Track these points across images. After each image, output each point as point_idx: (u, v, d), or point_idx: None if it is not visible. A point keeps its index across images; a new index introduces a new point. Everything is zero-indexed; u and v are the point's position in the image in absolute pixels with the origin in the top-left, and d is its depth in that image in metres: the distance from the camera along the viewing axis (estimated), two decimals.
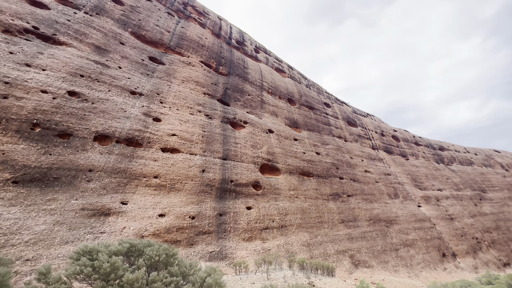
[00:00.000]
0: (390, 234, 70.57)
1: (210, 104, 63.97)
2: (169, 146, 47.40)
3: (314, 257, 54.62)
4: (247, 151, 62.11)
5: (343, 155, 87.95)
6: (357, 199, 76.26)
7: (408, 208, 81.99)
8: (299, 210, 62.11)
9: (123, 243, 8.67)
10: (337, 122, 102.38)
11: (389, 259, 64.35)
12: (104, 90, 45.12)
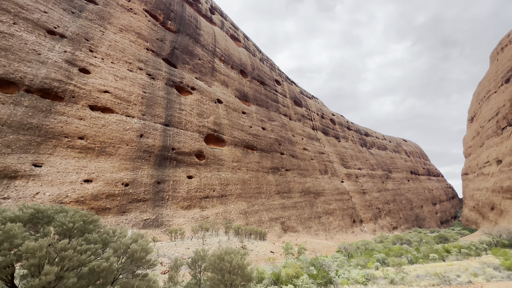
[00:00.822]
0: (316, 204, 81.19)
1: (154, 63, 57.15)
2: (100, 104, 41.19)
3: (250, 224, 59.00)
4: (193, 119, 59.39)
5: (286, 132, 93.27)
6: (293, 173, 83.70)
7: (333, 183, 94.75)
8: (240, 181, 64.70)
9: (25, 208, 7.36)
10: (285, 100, 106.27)
11: (312, 225, 74.70)
12: (6, 22, 34.84)
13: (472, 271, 15.04)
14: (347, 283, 14.59)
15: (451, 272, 15.34)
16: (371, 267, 21.20)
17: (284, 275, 14.65)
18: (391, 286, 13.51)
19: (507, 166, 76.18)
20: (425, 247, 29.58)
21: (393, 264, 17.53)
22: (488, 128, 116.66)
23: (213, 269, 10.21)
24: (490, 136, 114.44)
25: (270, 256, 26.54)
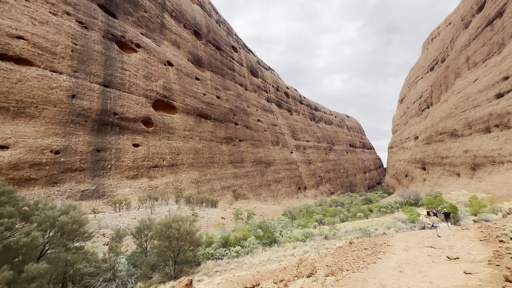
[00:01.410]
0: (267, 173, 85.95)
1: (87, 9, 47.21)
2: (13, 53, 32.93)
3: (202, 192, 59.42)
4: (139, 81, 53.16)
5: (241, 102, 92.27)
6: (247, 144, 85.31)
7: (284, 153, 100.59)
8: (193, 151, 63.03)
9: None
10: (241, 69, 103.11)
11: (262, 192, 79.68)
12: None
13: (387, 225, 18.65)
14: (289, 241, 16.44)
15: (371, 226, 18.70)
16: (310, 226, 24.13)
17: (233, 238, 15.57)
18: (325, 241, 15.79)
19: (421, 141, 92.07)
20: (354, 208, 34.89)
21: (328, 223, 20.33)
22: (412, 109, 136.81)
23: (160, 237, 10.04)
24: (413, 116, 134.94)
25: (220, 222, 27.60)
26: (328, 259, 9.71)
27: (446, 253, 8.03)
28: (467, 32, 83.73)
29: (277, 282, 7.41)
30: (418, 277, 6.06)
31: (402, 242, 10.81)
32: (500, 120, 47.90)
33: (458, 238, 9.76)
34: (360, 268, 7.44)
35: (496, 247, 7.17)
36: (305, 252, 12.61)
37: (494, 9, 65.23)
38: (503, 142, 44.91)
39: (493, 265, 5.75)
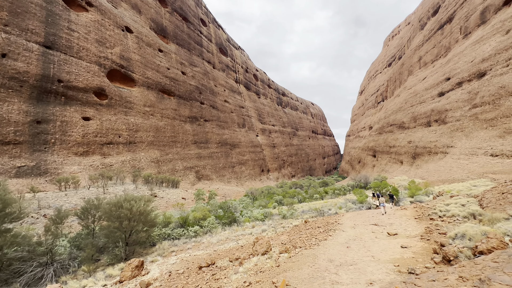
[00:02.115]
0: (232, 155, 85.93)
1: None
2: None
3: (162, 172, 56.97)
4: (90, 46, 46.67)
5: (208, 81, 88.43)
6: (212, 125, 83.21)
7: (249, 136, 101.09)
8: (154, 128, 59.18)
9: None
10: (209, 45, 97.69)
11: (226, 173, 79.84)
12: None
13: (339, 205, 20.34)
14: (249, 221, 16.84)
15: (326, 207, 20.20)
16: (270, 207, 25.07)
17: (192, 218, 15.30)
18: (283, 220, 16.58)
19: (374, 131, 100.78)
20: (311, 190, 37.25)
21: (287, 203, 21.33)
22: (370, 101, 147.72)
23: (109, 217, 9.25)
24: (370, 107, 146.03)
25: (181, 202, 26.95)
26: (284, 237, 10.18)
27: (387, 229, 9.08)
28: (422, 33, 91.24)
29: (233, 260, 7.50)
30: (362, 252, 6.71)
31: (351, 221, 11.85)
32: (439, 116, 54.55)
33: (398, 216, 11.08)
34: (312, 245, 7.96)
35: (427, 224, 8.32)
36: (263, 231, 13.05)
37: (446, 15, 71.73)
38: (439, 136, 51.57)
39: (424, 240, 6.64)
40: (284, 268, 6.04)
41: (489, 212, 6.52)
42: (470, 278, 2.65)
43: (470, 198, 9.06)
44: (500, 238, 3.79)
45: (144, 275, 8.23)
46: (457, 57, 57.76)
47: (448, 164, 40.74)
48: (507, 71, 38.36)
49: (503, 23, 45.72)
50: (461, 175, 29.15)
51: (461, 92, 49.17)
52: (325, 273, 5.41)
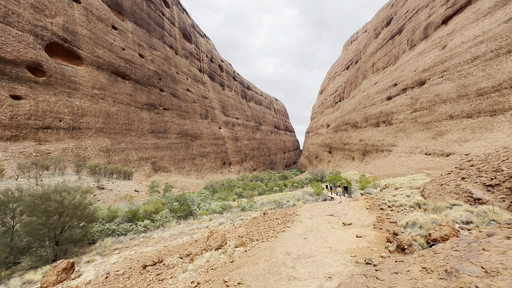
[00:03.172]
0: (192, 147, 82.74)
1: None
2: None
3: (113, 162, 51.84)
4: (23, 12, 39.14)
5: (170, 67, 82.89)
6: (172, 114, 78.57)
7: (212, 128, 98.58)
8: (104, 114, 53.11)
9: None
10: (172, 29, 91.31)
11: (186, 165, 76.69)
12: None
13: (297, 197, 20.97)
14: (206, 214, 16.14)
15: (284, 199, 20.62)
16: (230, 199, 24.64)
17: (142, 212, 13.93)
18: (242, 213, 16.31)
19: (331, 129, 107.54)
20: (271, 183, 37.93)
21: (247, 196, 21.18)
22: (329, 101, 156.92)
23: (33, 211, 7.64)
24: (328, 107, 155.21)
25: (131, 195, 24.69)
26: (242, 230, 9.85)
27: (342, 220, 9.43)
28: (376, 41, 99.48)
29: (183, 256, 6.83)
30: (319, 243, 6.72)
31: (308, 212, 12.12)
32: (386, 117, 60.46)
33: (351, 207, 11.71)
34: (270, 237, 7.76)
35: (378, 213, 8.87)
36: (221, 224, 12.55)
37: (397, 26, 79.19)
38: (385, 135, 57.24)
39: (377, 229, 6.98)
40: (239, 264, 5.64)
41: (431, 201, 7.20)
42: (434, 269, 2.62)
43: (413, 190, 10.02)
44: (452, 226, 4.02)
45: (74, 279, 6.96)
46: (403, 66, 64.35)
47: (392, 160, 45.50)
48: (441, 81, 44.02)
49: (441, 39, 52.19)
50: (402, 170, 32.81)
51: (405, 97, 55.06)
52: (282, 267, 5.16)
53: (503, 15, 36.50)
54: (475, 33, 40.43)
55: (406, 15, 75.06)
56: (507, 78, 30.41)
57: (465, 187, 6.08)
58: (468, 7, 48.17)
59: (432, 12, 60.67)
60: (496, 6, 39.30)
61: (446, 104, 40.74)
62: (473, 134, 32.68)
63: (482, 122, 32.50)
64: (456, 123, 37.17)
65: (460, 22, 47.38)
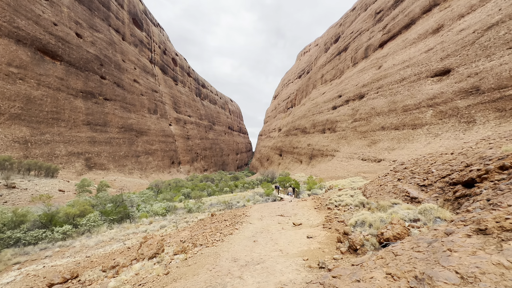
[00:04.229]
0: (137, 143, 75.40)
1: None
2: None
3: (33, 156, 43.18)
4: None
5: (114, 53, 74.12)
6: (115, 105, 70.20)
7: (161, 124, 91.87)
8: (23, 98, 43.82)
9: None
10: (120, 12, 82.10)
11: (128, 163, 69.32)
12: None
13: (247, 198, 20.72)
14: (146, 216, 14.39)
15: (234, 199, 20.11)
16: (176, 200, 22.88)
17: (63, 215, 11.48)
18: (188, 214, 15.12)
19: (283, 133, 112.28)
20: (222, 183, 37.03)
21: (195, 196, 19.94)
22: (281, 106, 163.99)
23: None
24: (281, 112, 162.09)
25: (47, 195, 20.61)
26: (185, 234, 8.90)
27: (292, 220, 9.41)
28: (325, 55, 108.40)
29: (107, 269, 5.60)
30: (270, 246, 6.38)
31: (258, 213, 11.87)
32: (331, 125, 66.02)
33: (300, 207, 11.93)
34: (216, 241, 7.10)
35: (326, 213, 9.14)
36: (162, 227, 11.24)
37: (343, 44, 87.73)
38: (330, 141, 62.37)
39: (326, 228, 7.05)
40: (175, 276, 4.79)
41: (373, 200, 7.75)
42: (401, 275, 2.46)
43: (356, 190, 10.78)
44: (403, 224, 4.13)
45: None
46: (347, 80, 71.44)
47: (334, 164, 49.65)
48: (377, 96, 50.19)
49: (377, 60, 59.65)
50: (343, 173, 36.02)
51: (348, 108, 61.05)
52: (227, 278, 4.52)
53: (423, 46, 43.71)
54: (403, 58, 47.40)
55: (351, 35, 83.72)
56: (425, 98, 36.34)
57: (401, 187, 6.68)
58: (399, 35, 56.28)
59: (372, 35, 69.03)
60: (419, 38, 46.88)
61: (380, 116, 46.53)
62: (399, 144, 38.00)
63: (406, 134, 38.05)
64: (387, 133, 42.72)
65: (393, 47, 54.97)
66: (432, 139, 31.83)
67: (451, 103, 31.25)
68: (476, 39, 30.67)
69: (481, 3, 34.15)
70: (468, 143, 8.31)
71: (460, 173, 5.14)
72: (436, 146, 28.70)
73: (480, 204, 3.33)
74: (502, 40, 26.98)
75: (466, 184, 4.82)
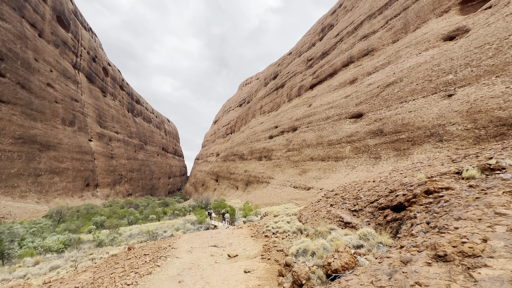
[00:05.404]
0: (40, 159, 60.79)
1: None
2: None
3: None
4: None
5: (24, 49, 61.28)
6: (14, 110, 56.05)
7: (78, 138, 77.82)
8: None
9: None
10: (41, 5, 70.28)
11: (21, 184, 54.35)
12: None
13: (177, 226, 18.44)
14: (32, 254, 10.66)
15: (161, 228, 17.55)
16: (83, 231, 18.45)
17: None
18: (96, 249, 12.04)
19: (220, 158, 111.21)
20: (148, 210, 32.60)
21: (110, 226, 16.45)
22: (221, 131, 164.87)
23: None
24: (220, 137, 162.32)
25: None
26: (86, 276, 6.78)
27: (227, 251, 8.47)
28: (265, 89, 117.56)
29: None
30: (199, 287, 5.27)
31: (187, 243, 10.42)
32: (267, 153, 69.32)
33: (236, 235, 11.09)
34: (127, 285, 5.54)
35: (264, 241, 8.62)
36: (53, 269, 8.41)
37: (280, 82, 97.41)
38: (266, 168, 64.79)
39: (265, 260, 6.47)
40: None
41: (310, 226, 7.77)
42: None
43: (291, 216, 10.85)
44: (350, 252, 3.98)
45: None
46: (283, 113, 78.14)
47: (269, 191, 51.12)
48: (307, 130, 56.06)
49: (308, 99, 67.93)
50: (277, 200, 37.17)
51: (283, 138, 65.78)
52: None
53: (343, 93, 52.39)
54: (329, 100, 55.40)
55: (287, 75, 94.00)
56: (345, 135, 42.50)
57: (335, 212, 6.98)
58: (325, 81, 66.23)
59: (304, 78, 79.11)
60: (340, 86, 56.16)
61: (309, 148, 51.59)
62: (325, 174, 42.37)
63: (330, 165, 42.93)
64: (315, 164, 47.30)
65: (320, 90, 63.90)
66: (350, 171, 36.74)
67: (364, 141, 37.37)
68: (379, 92, 38.63)
69: (382, 67, 43.94)
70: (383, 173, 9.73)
71: (386, 198, 5.73)
72: (353, 177, 33.15)
73: (422, 227, 3.59)
74: (396, 96, 34.75)
75: (395, 208, 5.37)
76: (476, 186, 4.24)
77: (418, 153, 27.08)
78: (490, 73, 23.57)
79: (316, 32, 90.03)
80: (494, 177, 4.32)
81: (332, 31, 76.00)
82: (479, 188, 4.07)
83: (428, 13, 38.98)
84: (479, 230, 2.80)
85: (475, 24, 29.20)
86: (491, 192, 3.75)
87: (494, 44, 24.38)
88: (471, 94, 24.05)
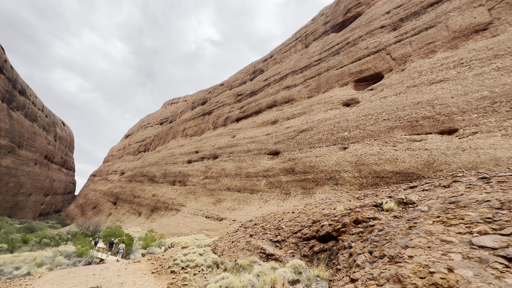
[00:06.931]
0: None
1: None
2: None
3: None
4: None
5: None
6: None
7: None
8: None
9: None
10: None
11: None
12: None
13: (40, 260, 13.31)
14: None
15: (12, 264, 12.20)
16: None
17: None
18: None
19: (125, 178, 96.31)
20: None
21: None
22: (132, 148, 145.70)
23: None
24: (130, 153, 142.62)
25: None
26: None
27: None
28: (191, 112, 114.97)
29: None
30: None
31: (53, 285, 7.44)
32: (183, 178, 64.88)
33: (131, 272, 8.70)
34: None
35: (170, 279, 6.95)
36: None
37: (209, 108, 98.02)
38: (178, 194, 59.77)
39: None
40: None
41: (227, 259, 6.91)
42: None
43: (204, 248, 9.63)
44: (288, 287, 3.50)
45: None
46: (206, 139, 77.15)
47: (178, 220, 46.60)
48: (228, 159, 56.63)
49: (233, 130, 70.24)
50: (186, 230, 33.93)
51: (202, 165, 63.72)
52: None
53: (265, 130, 57.05)
54: (252, 135, 58.83)
55: (216, 104, 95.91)
56: (262, 169, 45.06)
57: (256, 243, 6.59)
58: (251, 117, 70.89)
59: (232, 110, 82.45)
60: (263, 124, 61.16)
61: (228, 178, 51.61)
62: (239, 205, 42.57)
63: (245, 196, 43.72)
64: (231, 194, 47.19)
65: (245, 124, 67.52)
66: (263, 204, 38.33)
67: (278, 177, 40.49)
68: (295, 135, 44.03)
69: (299, 115, 51.07)
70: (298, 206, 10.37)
71: (310, 228, 5.86)
72: (265, 210, 34.60)
73: (366, 257, 3.60)
74: (307, 141, 40.34)
75: (322, 239, 5.46)
76: (400, 216, 4.93)
77: (319, 193, 31.20)
78: (371, 136, 30.94)
79: (249, 73, 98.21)
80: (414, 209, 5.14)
81: (262, 75, 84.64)
82: (404, 219, 4.72)
83: (334, 82, 49.35)
84: (435, 258, 2.98)
85: (363, 99, 38.70)
86: (421, 222, 4.34)
87: (373, 115, 32.61)
88: (359, 149, 30.54)
